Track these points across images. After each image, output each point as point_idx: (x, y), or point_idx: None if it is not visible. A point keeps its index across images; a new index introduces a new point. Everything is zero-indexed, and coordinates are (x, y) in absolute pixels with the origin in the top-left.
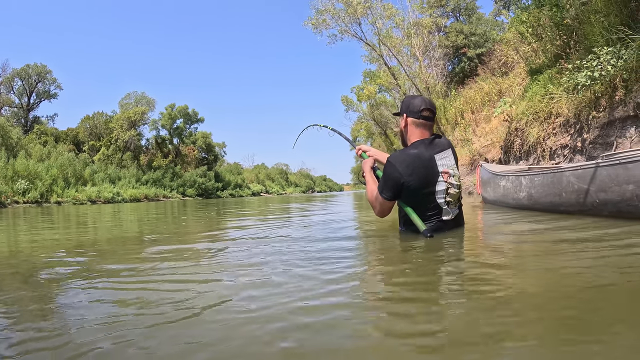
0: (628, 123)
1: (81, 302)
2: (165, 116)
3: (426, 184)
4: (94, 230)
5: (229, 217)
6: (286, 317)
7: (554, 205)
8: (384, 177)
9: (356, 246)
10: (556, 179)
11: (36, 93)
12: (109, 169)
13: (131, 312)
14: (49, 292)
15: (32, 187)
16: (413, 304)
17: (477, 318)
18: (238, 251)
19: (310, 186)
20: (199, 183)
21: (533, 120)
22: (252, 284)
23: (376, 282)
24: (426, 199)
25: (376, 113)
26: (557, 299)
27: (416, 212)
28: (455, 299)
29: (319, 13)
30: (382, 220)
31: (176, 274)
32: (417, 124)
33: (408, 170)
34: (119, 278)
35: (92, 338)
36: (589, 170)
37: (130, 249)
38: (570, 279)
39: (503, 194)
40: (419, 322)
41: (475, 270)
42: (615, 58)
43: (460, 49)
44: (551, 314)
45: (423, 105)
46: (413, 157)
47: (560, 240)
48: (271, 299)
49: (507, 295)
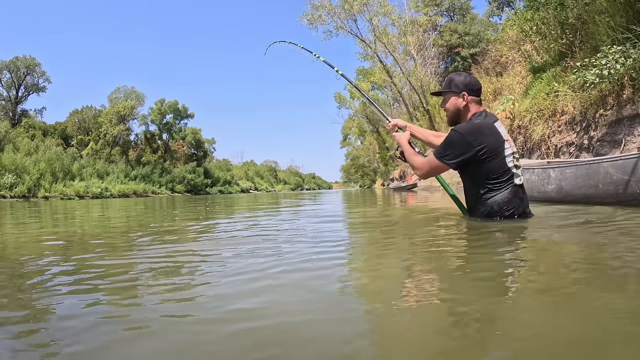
0: (636, 121)
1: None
2: (154, 111)
3: (496, 148)
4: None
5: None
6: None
7: (588, 197)
8: (450, 144)
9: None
10: (592, 170)
11: (25, 86)
12: (97, 163)
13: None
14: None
15: (19, 181)
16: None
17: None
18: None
19: (299, 184)
20: (188, 179)
21: (537, 117)
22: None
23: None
24: (499, 164)
25: (369, 111)
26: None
27: (490, 178)
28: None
29: (315, 8)
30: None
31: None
32: (476, 101)
33: (478, 140)
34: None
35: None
36: (630, 160)
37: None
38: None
39: (527, 188)
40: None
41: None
42: (624, 57)
43: (454, 48)
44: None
45: (478, 83)
46: (481, 126)
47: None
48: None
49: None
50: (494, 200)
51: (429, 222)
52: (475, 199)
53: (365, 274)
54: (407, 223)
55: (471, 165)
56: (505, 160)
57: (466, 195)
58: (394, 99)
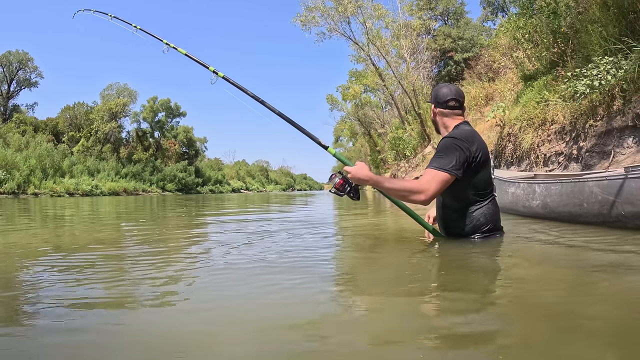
0: (626, 133)
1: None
2: (147, 109)
3: (487, 156)
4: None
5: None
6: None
7: (573, 216)
8: (450, 153)
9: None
10: (577, 188)
11: (16, 81)
12: (88, 161)
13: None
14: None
15: (9, 177)
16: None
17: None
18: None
19: (290, 184)
20: (179, 178)
21: (527, 126)
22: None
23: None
24: (487, 173)
25: (360, 113)
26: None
27: (479, 189)
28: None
29: (309, 10)
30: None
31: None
32: (446, 114)
33: (474, 146)
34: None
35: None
36: (616, 181)
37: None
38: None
39: (512, 201)
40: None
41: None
42: (616, 68)
43: (448, 52)
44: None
45: (449, 95)
46: (472, 132)
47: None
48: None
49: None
50: (480, 212)
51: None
52: (458, 214)
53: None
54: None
55: (465, 174)
56: (490, 170)
57: (444, 212)
58: (386, 102)
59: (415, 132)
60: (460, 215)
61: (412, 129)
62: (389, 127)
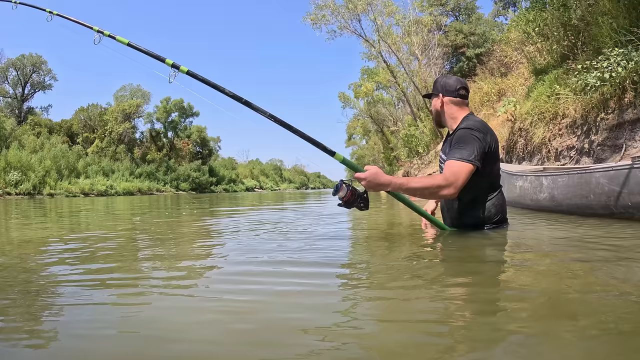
0: (638, 126)
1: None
2: (160, 109)
3: (498, 147)
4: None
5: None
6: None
7: (580, 208)
8: (471, 143)
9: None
10: (584, 180)
11: (31, 84)
12: (102, 161)
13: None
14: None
15: (24, 178)
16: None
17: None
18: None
19: (304, 182)
20: (192, 177)
21: (538, 120)
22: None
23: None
24: (499, 164)
25: (373, 110)
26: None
27: (492, 179)
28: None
29: (319, 8)
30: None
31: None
32: (456, 102)
33: (489, 136)
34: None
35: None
36: (622, 171)
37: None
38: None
39: (520, 195)
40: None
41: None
42: (626, 60)
43: (459, 48)
44: None
45: (458, 84)
46: (484, 122)
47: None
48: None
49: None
50: (491, 203)
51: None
52: (470, 206)
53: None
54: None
55: (482, 164)
56: (499, 163)
57: (454, 204)
58: (399, 99)
59: (428, 129)
60: (472, 206)
61: (425, 126)
62: (402, 124)
